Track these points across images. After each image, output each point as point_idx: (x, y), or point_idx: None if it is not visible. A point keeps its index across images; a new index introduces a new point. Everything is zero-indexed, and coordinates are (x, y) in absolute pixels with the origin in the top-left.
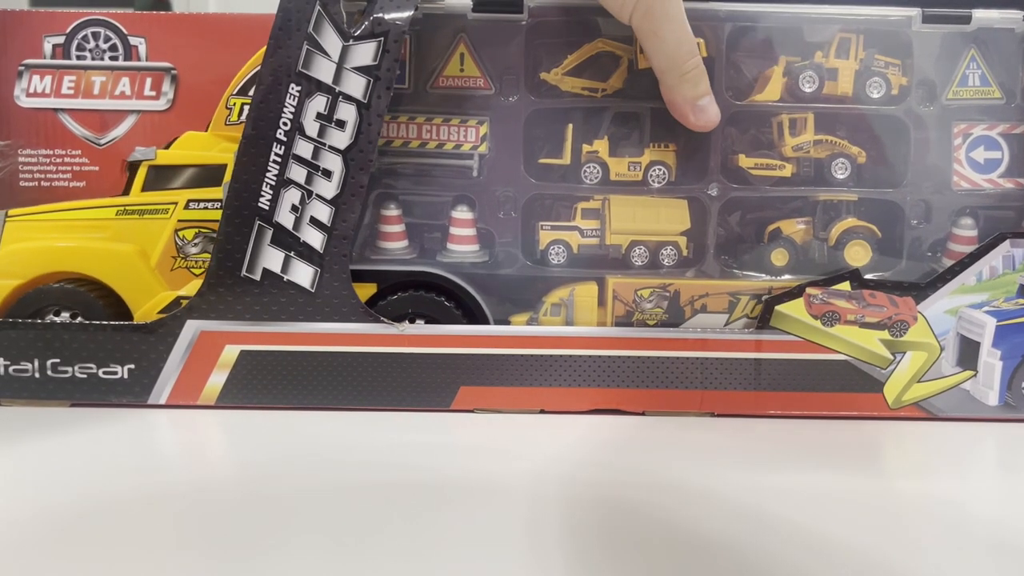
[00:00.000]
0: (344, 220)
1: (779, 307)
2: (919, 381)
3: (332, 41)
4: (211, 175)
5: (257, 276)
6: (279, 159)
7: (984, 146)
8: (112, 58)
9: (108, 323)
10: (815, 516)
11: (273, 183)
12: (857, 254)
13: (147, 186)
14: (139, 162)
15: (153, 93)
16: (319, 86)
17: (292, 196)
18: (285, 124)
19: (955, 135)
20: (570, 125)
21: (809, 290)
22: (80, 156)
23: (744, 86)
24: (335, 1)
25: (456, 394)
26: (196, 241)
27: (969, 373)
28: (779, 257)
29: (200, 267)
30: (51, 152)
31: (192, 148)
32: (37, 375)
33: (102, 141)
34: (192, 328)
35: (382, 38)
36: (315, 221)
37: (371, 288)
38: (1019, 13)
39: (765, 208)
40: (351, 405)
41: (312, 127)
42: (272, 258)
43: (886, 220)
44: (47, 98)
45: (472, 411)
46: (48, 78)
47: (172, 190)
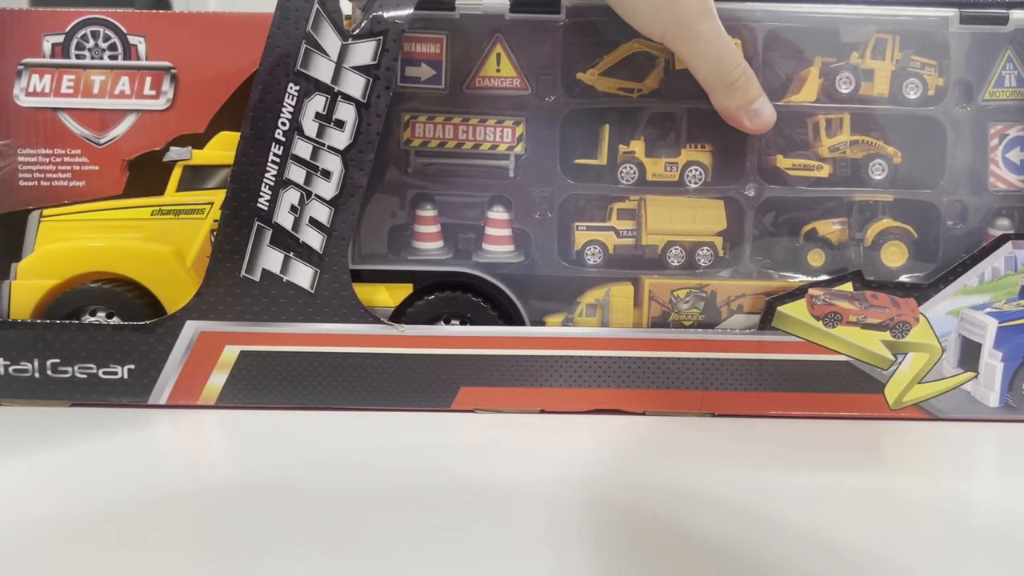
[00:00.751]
0: (343, 221)
1: (781, 308)
2: (920, 382)
3: (331, 40)
4: None
5: (256, 277)
6: (278, 159)
7: (1021, 147)
8: (112, 57)
9: (108, 323)
10: (816, 516)
11: (272, 184)
12: (893, 255)
13: (182, 186)
14: (174, 162)
15: (153, 92)
16: (318, 86)
17: (291, 197)
18: (284, 124)
19: (991, 136)
20: (606, 125)
21: (811, 291)
22: (80, 155)
23: (780, 86)
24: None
25: (456, 394)
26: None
27: (970, 374)
28: (815, 258)
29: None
30: (50, 151)
31: (227, 148)
32: (37, 375)
33: (102, 140)
34: (192, 328)
35: (381, 37)
36: (314, 222)
37: (407, 289)
38: None
39: (800, 209)
40: (351, 405)
41: (311, 127)
42: (271, 259)
43: (922, 221)
44: (46, 97)
45: (472, 411)
46: (47, 77)
47: (207, 190)
